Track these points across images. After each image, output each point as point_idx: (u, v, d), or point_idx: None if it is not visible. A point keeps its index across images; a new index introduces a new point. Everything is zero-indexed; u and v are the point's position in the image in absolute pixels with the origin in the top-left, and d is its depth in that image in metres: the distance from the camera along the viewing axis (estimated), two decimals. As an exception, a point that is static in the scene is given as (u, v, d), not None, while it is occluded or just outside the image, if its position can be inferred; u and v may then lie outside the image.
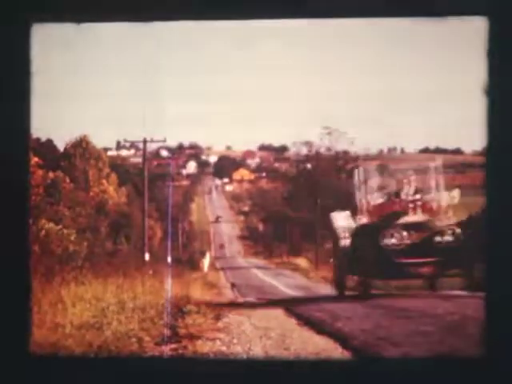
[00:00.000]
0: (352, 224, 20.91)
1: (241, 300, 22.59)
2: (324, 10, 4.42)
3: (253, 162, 66.23)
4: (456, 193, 22.76)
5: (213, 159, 68.05)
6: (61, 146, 43.29)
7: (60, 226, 29.66)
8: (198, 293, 22.21)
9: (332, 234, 21.89)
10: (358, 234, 19.42)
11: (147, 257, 35.40)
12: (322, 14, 4.45)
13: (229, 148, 67.32)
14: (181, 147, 60.99)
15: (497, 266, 4.24)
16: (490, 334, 4.30)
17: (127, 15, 4.31)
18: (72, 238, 29.26)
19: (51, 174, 36.74)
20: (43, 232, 26.44)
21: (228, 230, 60.52)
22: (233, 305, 18.90)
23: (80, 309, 13.69)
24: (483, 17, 4.15)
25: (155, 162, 54.14)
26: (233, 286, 37.07)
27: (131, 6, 4.27)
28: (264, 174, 64.84)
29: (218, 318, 14.88)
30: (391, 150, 64.53)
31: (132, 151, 57.53)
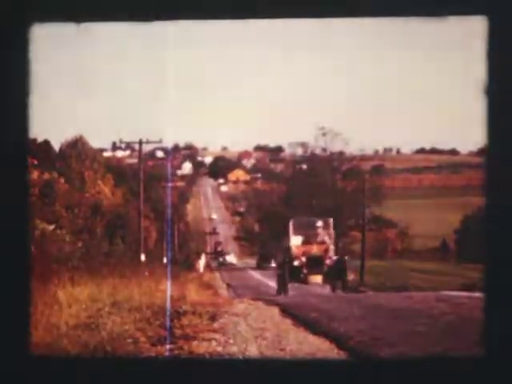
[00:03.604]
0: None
1: (236, 300, 22.60)
2: (323, 11, 4.42)
3: (248, 163, 66.24)
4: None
5: (208, 160, 68.03)
6: (56, 147, 43.24)
7: (54, 226, 29.67)
8: (193, 293, 22.21)
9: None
10: None
11: (143, 257, 35.43)
12: (321, 14, 4.45)
13: (224, 149, 67.34)
14: (176, 148, 60.98)
15: (496, 266, 4.25)
16: (489, 334, 4.31)
17: (127, 15, 4.31)
18: (67, 238, 29.27)
19: (46, 175, 36.75)
20: (38, 232, 26.43)
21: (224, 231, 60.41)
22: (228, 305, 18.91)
23: (76, 309, 13.68)
24: (483, 17, 4.16)
25: (151, 163, 54.09)
26: (228, 286, 37.05)
27: (131, 6, 4.27)
28: (259, 175, 64.83)
29: (213, 318, 14.87)
30: (387, 150, 64.52)
31: (128, 152, 57.53)
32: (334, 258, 24.63)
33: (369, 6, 4.29)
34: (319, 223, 26.84)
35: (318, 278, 24.35)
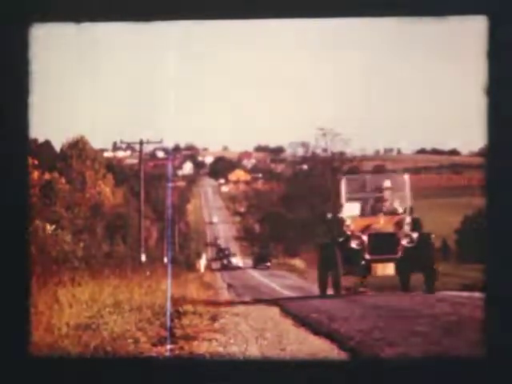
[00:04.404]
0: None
1: (237, 300, 22.59)
2: (323, 11, 4.42)
3: (249, 163, 66.26)
4: None
5: (209, 160, 68.08)
6: (57, 147, 43.27)
7: (54, 227, 29.67)
8: (194, 293, 22.22)
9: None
10: None
11: (143, 258, 35.41)
12: (321, 14, 4.46)
13: (225, 149, 67.36)
14: (177, 148, 61.02)
15: (496, 266, 4.25)
16: (490, 334, 4.31)
17: (127, 15, 4.31)
18: (68, 238, 29.26)
19: (47, 175, 36.75)
20: (39, 233, 26.44)
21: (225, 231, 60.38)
22: (229, 304, 18.92)
23: (76, 309, 13.67)
24: (483, 17, 4.16)
25: (151, 163, 54.13)
26: (229, 286, 37.03)
27: (131, 6, 4.27)
28: (260, 175, 64.84)
29: (214, 318, 14.88)
30: (387, 150, 64.57)
31: (128, 152, 57.54)
32: (414, 235, 16.49)
33: (369, 6, 4.30)
34: (387, 183, 18.20)
35: (388, 268, 16.52)
